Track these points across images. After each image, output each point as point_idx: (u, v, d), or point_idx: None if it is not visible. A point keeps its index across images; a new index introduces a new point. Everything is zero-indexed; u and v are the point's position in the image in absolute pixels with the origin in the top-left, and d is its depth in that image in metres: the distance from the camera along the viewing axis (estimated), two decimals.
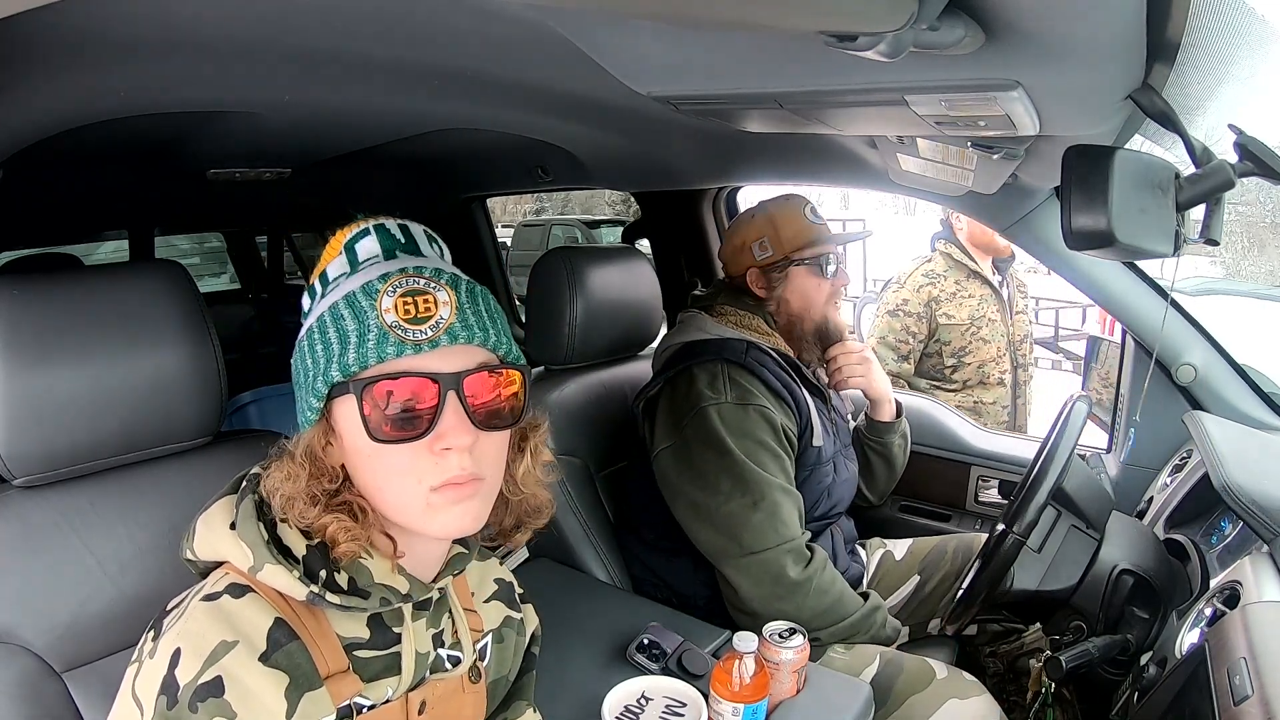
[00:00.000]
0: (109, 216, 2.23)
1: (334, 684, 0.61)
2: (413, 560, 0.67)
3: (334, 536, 0.61)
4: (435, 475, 0.60)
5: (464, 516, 0.62)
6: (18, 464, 0.77)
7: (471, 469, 0.61)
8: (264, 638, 0.58)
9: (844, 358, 1.46)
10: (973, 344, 2.18)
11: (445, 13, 0.74)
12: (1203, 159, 0.73)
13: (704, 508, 1.28)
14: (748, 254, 1.44)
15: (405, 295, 0.60)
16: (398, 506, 0.63)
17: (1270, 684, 0.71)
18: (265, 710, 0.56)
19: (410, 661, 0.67)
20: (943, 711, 1.14)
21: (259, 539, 0.61)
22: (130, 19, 0.75)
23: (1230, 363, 1.42)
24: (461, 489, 0.61)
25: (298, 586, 0.60)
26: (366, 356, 0.59)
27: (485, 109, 1.31)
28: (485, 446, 0.63)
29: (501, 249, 2.97)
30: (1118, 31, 0.55)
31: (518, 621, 0.82)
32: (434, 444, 0.60)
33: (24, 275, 0.79)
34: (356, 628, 0.65)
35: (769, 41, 0.65)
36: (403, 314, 0.60)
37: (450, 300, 0.62)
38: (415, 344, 0.59)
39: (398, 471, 0.61)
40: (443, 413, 0.60)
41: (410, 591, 0.65)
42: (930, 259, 2.26)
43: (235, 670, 0.56)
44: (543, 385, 1.50)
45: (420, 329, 0.60)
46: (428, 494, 0.61)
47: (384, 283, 0.61)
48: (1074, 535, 1.17)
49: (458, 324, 0.61)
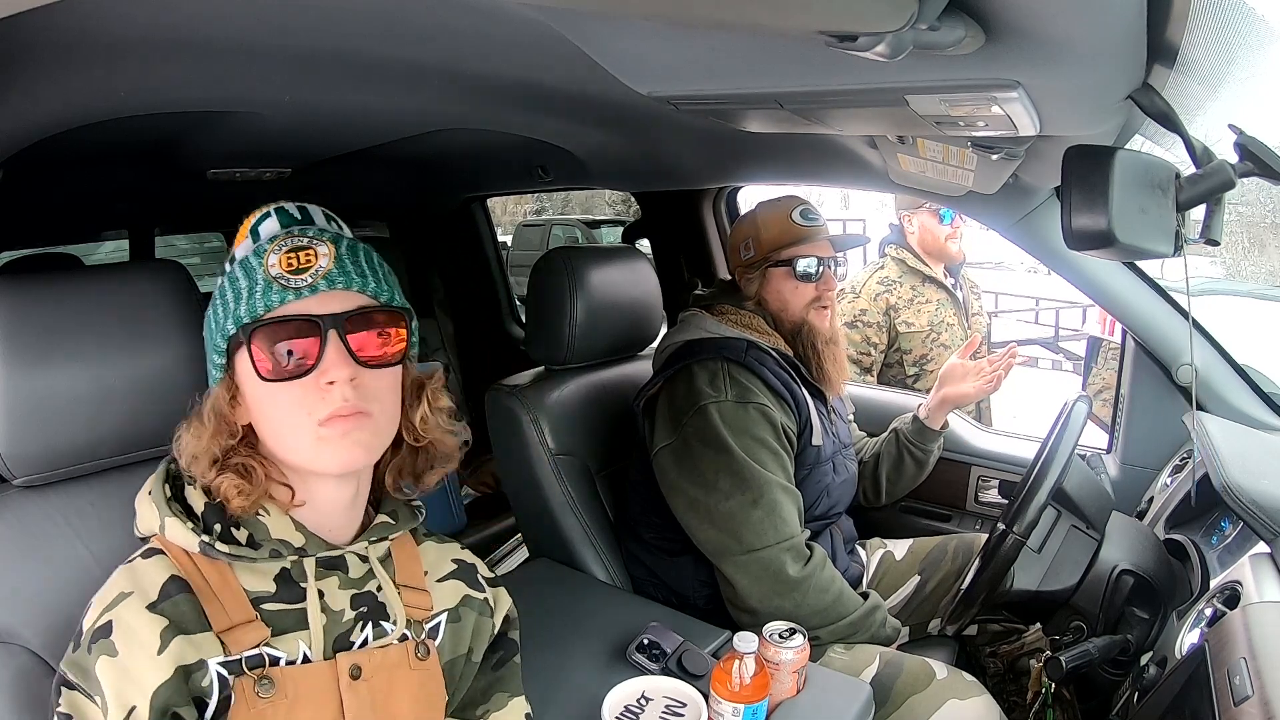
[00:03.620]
0: (109, 216, 2.23)
1: (238, 633, 0.66)
2: (315, 514, 0.72)
3: (227, 494, 0.68)
4: (322, 408, 0.66)
5: (353, 448, 0.68)
6: (18, 464, 0.77)
7: (355, 401, 0.67)
8: (158, 590, 0.66)
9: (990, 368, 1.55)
10: (934, 351, 2.11)
11: (445, 13, 0.75)
12: (1203, 159, 0.73)
13: (703, 505, 1.28)
14: (736, 253, 1.47)
15: (289, 251, 0.68)
16: (293, 446, 0.69)
17: (1270, 684, 0.71)
18: (140, 646, 0.63)
19: (317, 616, 0.70)
20: (943, 711, 1.14)
21: (163, 499, 0.69)
22: (130, 19, 0.75)
23: (1230, 363, 1.42)
24: (347, 420, 0.67)
25: (191, 538, 0.67)
26: (256, 306, 0.66)
27: (485, 109, 1.31)
28: (369, 383, 0.68)
29: (501, 249, 2.97)
30: (1118, 32, 0.55)
31: (479, 601, 0.83)
32: (318, 379, 0.66)
33: (24, 275, 0.79)
34: (262, 582, 0.70)
35: (769, 41, 0.65)
36: (286, 266, 0.67)
37: (330, 252, 0.68)
38: (296, 290, 0.66)
39: (288, 408, 0.67)
40: (325, 351, 0.66)
41: (305, 546, 0.71)
42: (882, 265, 2.18)
43: (125, 615, 0.64)
44: (543, 385, 1.50)
45: (301, 278, 0.67)
46: (316, 428, 0.67)
47: (272, 243, 0.69)
48: (1074, 535, 1.17)
49: (335, 270, 0.68)
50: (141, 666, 0.62)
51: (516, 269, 3.20)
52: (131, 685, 0.61)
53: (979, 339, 1.72)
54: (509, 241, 8.98)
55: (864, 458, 1.64)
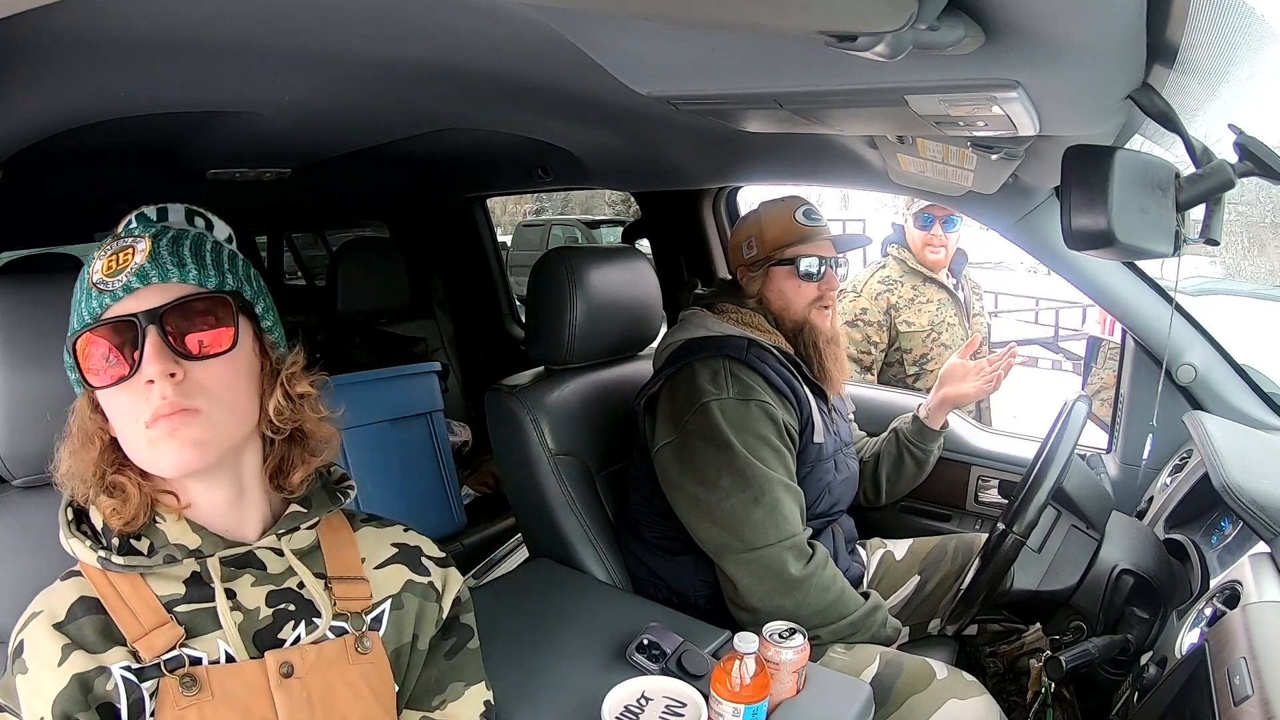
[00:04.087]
0: (109, 216, 2.23)
1: (151, 638, 0.66)
2: (203, 513, 0.71)
3: (108, 517, 0.68)
4: (145, 410, 0.64)
5: (183, 449, 0.64)
6: (18, 464, 0.77)
7: (176, 399, 0.63)
8: (65, 610, 0.67)
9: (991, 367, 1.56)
10: (934, 350, 2.11)
11: (445, 13, 0.75)
12: (1203, 159, 0.73)
13: (704, 503, 1.27)
14: (738, 252, 1.47)
15: (111, 254, 0.66)
16: (134, 454, 0.67)
17: (1270, 684, 0.71)
18: (44, 661, 0.64)
19: (228, 615, 0.69)
20: (943, 711, 1.14)
21: (65, 521, 0.69)
22: (130, 19, 0.75)
23: (1230, 363, 1.42)
24: (170, 420, 0.63)
25: (90, 555, 0.67)
26: (82, 315, 0.65)
27: (485, 109, 1.31)
28: (199, 376, 0.65)
29: (501, 249, 2.97)
30: (1118, 32, 0.55)
31: (422, 586, 0.79)
32: (139, 379, 0.64)
33: (24, 275, 0.79)
34: (173, 587, 0.69)
35: (769, 41, 0.65)
36: (105, 270, 0.65)
37: (146, 248, 0.66)
38: (111, 292, 0.64)
39: (123, 414, 0.65)
40: (145, 350, 0.63)
41: (201, 547, 0.69)
42: (884, 265, 2.18)
43: (33, 634, 0.66)
44: (543, 385, 1.50)
45: (117, 279, 0.65)
46: (145, 430, 0.64)
47: (99, 248, 0.67)
48: (1074, 535, 1.17)
49: (148, 264, 0.65)
50: (44, 679, 0.63)
51: (516, 269, 3.20)
52: (37, 698, 0.63)
53: (979, 339, 1.72)
54: (509, 241, 8.98)
55: (864, 457, 1.64)
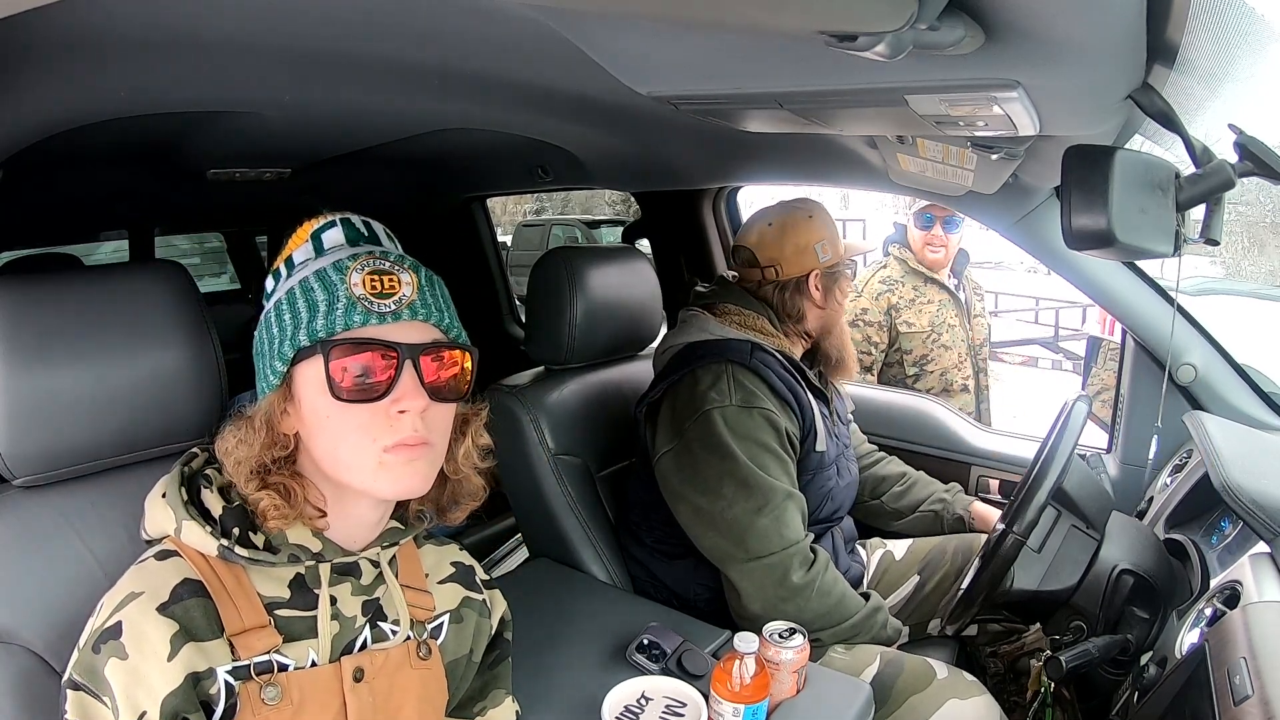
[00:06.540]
0: (109, 216, 2.23)
1: (249, 637, 0.66)
2: (339, 533, 0.72)
3: (264, 511, 0.67)
4: (389, 435, 0.67)
5: (414, 476, 0.68)
6: (18, 464, 0.77)
7: (423, 432, 0.68)
8: (169, 591, 0.65)
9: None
10: (934, 351, 2.12)
11: (445, 13, 0.75)
12: (1203, 159, 0.73)
13: (707, 512, 1.26)
14: (810, 255, 1.39)
15: (373, 273, 0.68)
16: (351, 465, 0.68)
17: (1270, 684, 0.71)
18: (151, 651, 0.62)
19: (327, 624, 0.70)
20: (943, 711, 1.14)
21: (179, 502, 0.68)
22: (130, 19, 0.75)
23: (1230, 363, 1.42)
24: (413, 450, 0.67)
25: (210, 541, 0.66)
26: (335, 323, 0.66)
27: (485, 109, 1.31)
28: (434, 415, 0.69)
29: (501, 249, 2.97)
30: (1118, 32, 0.55)
31: (479, 603, 0.85)
32: (391, 406, 0.67)
33: (24, 275, 0.79)
34: (277, 587, 0.70)
35: (769, 41, 0.65)
36: (369, 289, 0.67)
37: (413, 281, 0.69)
38: (380, 315, 0.67)
39: (355, 430, 0.67)
40: (400, 379, 0.67)
41: (322, 551, 0.70)
42: (885, 264, 2.19)
43: (134, 616, 0.63)
44: (543, 385, 1.50)
45: (385, 303, 0.67)
46: (380, 453, 0.67)
47: (354, 261, 0.68)
48: (1074, 535, 1.17)
49: (418, 301, 0.69)
50: (151, 672, 0.62)
51: (516, 269, 3.20)
52: (141, 690, 0.61)
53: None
54: (509, 241, 8.98)
55: (870, 473, 1.63)
